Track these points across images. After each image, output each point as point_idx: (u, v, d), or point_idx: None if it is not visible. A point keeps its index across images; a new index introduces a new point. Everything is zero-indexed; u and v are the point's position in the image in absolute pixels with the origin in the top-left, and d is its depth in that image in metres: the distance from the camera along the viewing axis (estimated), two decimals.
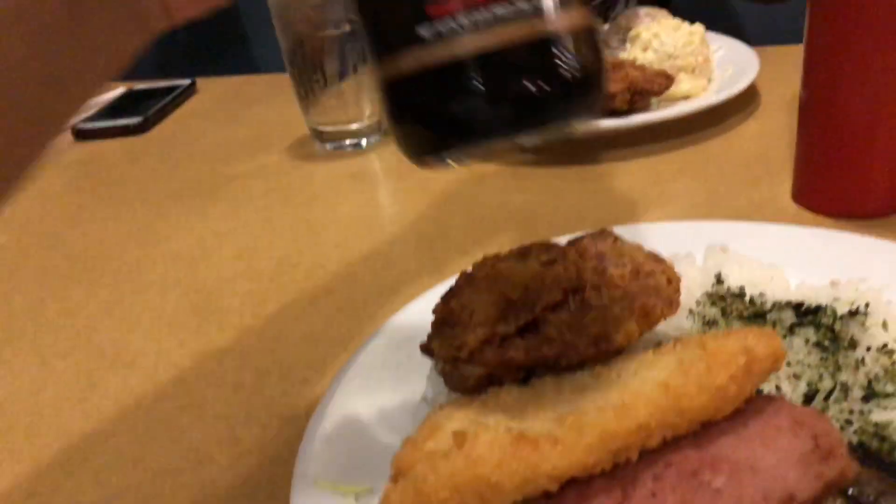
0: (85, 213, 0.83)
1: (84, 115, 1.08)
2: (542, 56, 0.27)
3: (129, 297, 0.64)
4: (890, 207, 0.60)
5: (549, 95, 0.28)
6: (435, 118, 0.29)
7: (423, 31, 0.27)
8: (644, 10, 0.93)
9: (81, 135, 1.04)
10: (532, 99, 0.28)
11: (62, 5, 0.27)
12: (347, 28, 0.82)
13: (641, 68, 0.79)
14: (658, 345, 0.42)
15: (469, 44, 0.27)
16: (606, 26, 0.96)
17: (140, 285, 0.66)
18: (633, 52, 0.82)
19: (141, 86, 1.24)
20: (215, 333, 0.58)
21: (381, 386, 0.43)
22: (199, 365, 0.54)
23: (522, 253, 0.42)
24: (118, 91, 1.19)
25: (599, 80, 0.29)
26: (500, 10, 0.27)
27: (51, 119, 0.29)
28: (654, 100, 0.82)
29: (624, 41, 0.90)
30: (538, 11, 0.27)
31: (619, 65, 0.80)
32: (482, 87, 0.27)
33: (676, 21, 0.86)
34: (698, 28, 0.85)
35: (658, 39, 0.81)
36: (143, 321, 0.61)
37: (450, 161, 0.30)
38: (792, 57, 0.62)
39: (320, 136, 0.90)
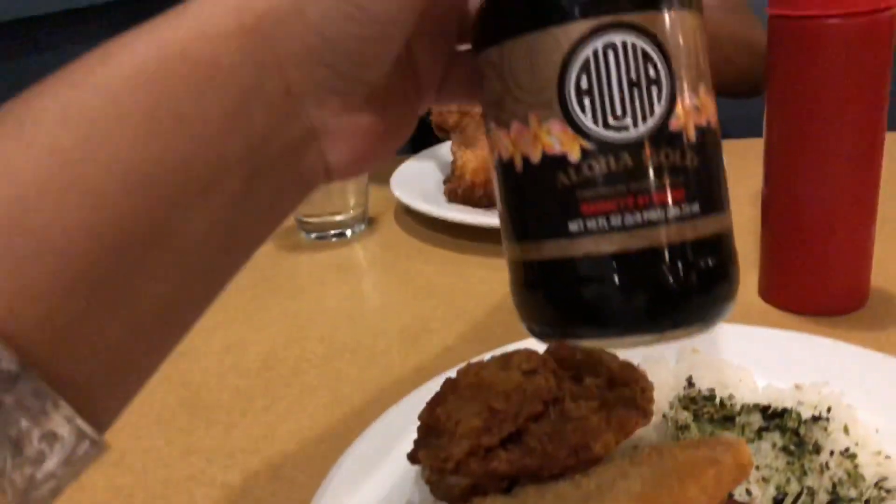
0: None
1: None
2: (683, 262, 0.29)
3: None
4: (851, 305, 0.63)
5: (682, 303, 0.30)
6: (567, 304, 0.31)
7: (573, 225, 0.29)
8: None
9: None
10: (663, 303, 0.30)
11: (241, 181, 0.28)
12: None
13: None
14: (635, 449, 0.44)
15: (613, 244, 0.29)
16: None
17: None
18: None
19: None
20: (203, 431, 0.59)
21: (369, 491, 0.45)
22: (188, 464, 0.55)
23: (505, 361, 0.44)
24: None
25: (733, 287, 0.31)
26: (650, 214, 0.28)
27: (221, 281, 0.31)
28: None
29: None
30: (685, 218, 0.29)
31: None
32: (618, 285, 0.29)
33: None
34: None
35: None
36: (131, 418, 0.61)
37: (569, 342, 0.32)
38: (756, 150, 0.65)
39: (305, 226, 0.92)
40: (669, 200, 0.29)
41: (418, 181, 1.00)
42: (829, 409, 0.44)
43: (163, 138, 0.26)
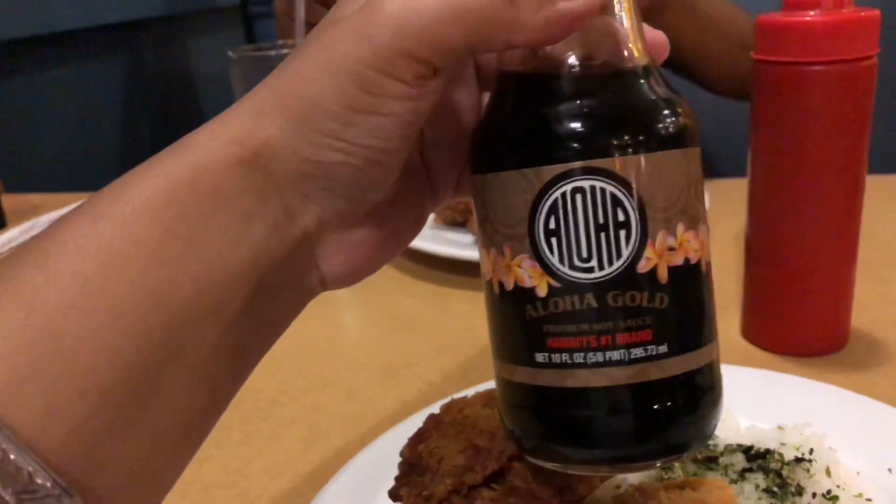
0: None
1: None
2: (643, 403, 0.29)
3: None
4: (832, 346, 0.63)
5: (641, 442, 0.30)
6: (534, 427, 0.32)
7: (539, 357, 0.30)
8: None
9: None
10: (621, 442, 0.30)
11: (247, 295, 0.30)
12: None
13: None
14: (618, 489, 0.44)
15: (576, 380, 0.29)
16: None
17: None
18: None
19: None
20: None
21: None
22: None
23: (489, 398, 0.43)
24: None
25: (703, 420, 0.31)
26: (611, 354, 0.29)
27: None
28: None
29: None
30: (650, 359, 0.29)
31: None
32: (578, 419, 0.30)
33: None
34: None
35: None
36: None
37: (553, 465, 0.32)
38: (741, 189, 0.66)
39: None
40: (633, 342, 0.28)
41: None
42: (811, 451, 0.44)
43: (174, 262, 0.28)
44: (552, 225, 0.29)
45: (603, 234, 0.28)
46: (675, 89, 0.31)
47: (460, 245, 0.90)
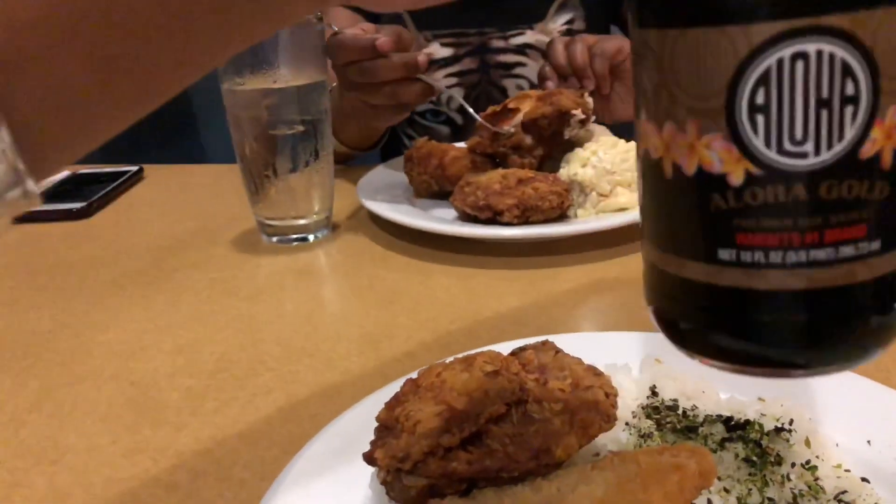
0: (18, 299, 0.81)
1: None
2: (848, 305, 0.25)
3: (61, 389, 0.63)
4: None
5: (831, 348, 0.26)
6: (703, 331, 0.27)
7: (724, 254, 0.25)
8: (601, 128, 0.99)
9: (20, 217, 1.03)
10: (809, 346, 0.26)
11: None
12: (301, 129, 0.85)
13: (536, 187, 0.84)
14: (596, 456, 0.43)
15: (769, 281, 0.25)
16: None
17: (73, 377, 0.64)
18: (572, 168, 0.87)
19: (86, 170, 1.24)
20: (150, 430, 0.56)
21: (321, 493, 0.43)
22: (132, 463, 0.53)
23: (468, 362, 0.43)
24: (62, 174, 1.18)
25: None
26: (817, 253, 0.24)
27: None
28: (591, 208, 0.86)
29: (565, 153, 0.94)
30: (860, 258, 0.25)
31: (519, 180, 0.86)
32: (767, 324, 0.26)
33: (614, 138, 0.91)
34: (634, 145, 0.90)
35: (596, 156, 0.85)
36: (75, 416, 0.59)
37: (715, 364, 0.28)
38: None
39: (267, 229, 0.91)
40: (843, 239, 0.24)
41: (384, 188, 0.99)
42: (791, 422, 0.44)
43: None
44: (760, 99, 0.23)
45: (825, 112, 0.23)
46: None
47: (442, 220, 0.89)
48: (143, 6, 0.26)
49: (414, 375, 0.44)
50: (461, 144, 1.08)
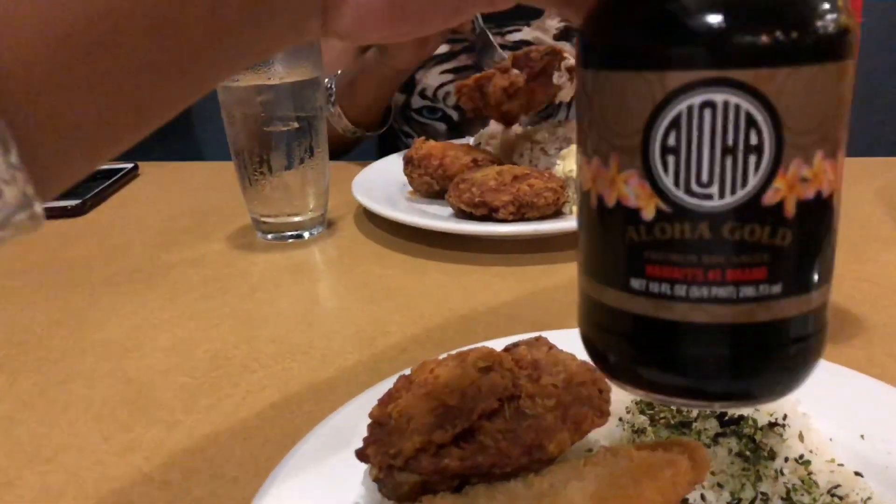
0: (12, 297, 0.81)
1: None
2: (746, 345, 0.26)
3: (54, 387, 0.62)
4: None
5: (734, 383, 0.27)
6: (618, 354, 0.29)
7: (635, 283, 0.26)
8: None
9: None
10: (712, 380, 0.27)
11: (245, 9, 0.28)
12: (296, 125, 0.84)
13: (531, 184, 0.84)
14: (590, 451, 0.43)
15: (673, 313, 0.26)
16: (546, 134, 1.01)
17: (66, 375, 0.64)
18: (568, 164, 0.87)
19: None
20: (143, 428, 0.56)
21: (314, 490, 0.43)
22: (125, 461, 0.52)
23: (461, 358, 0.42)
24: None
25: (804, 365, 0.28)
26: (718, 291, 0.25)
27: None
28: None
29: (561, 149, 0.94)
30: (760, 300, 0.26)
31: (515, 177, 0.86)
32: (671, 353, 0.27)
33: None
34: None
35: None
36: (68, 414, 0.59)
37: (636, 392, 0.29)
38: None
39: (262, 226, 0.90)
40: (744, 279, 0.25)
41: (380, 185, 0.99)
42: (784, 417, 0.44)
43: None
44: (671, 142, 0.25)
45: (729, 159, 0.24)
46: None
47: (438, 217, 0.89)
48: (140, 44, 0.27)
49: (407, 372, 0.44)
50: (460, 141, 1.09)
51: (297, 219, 0.89)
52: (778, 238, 0.25)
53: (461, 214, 0.88)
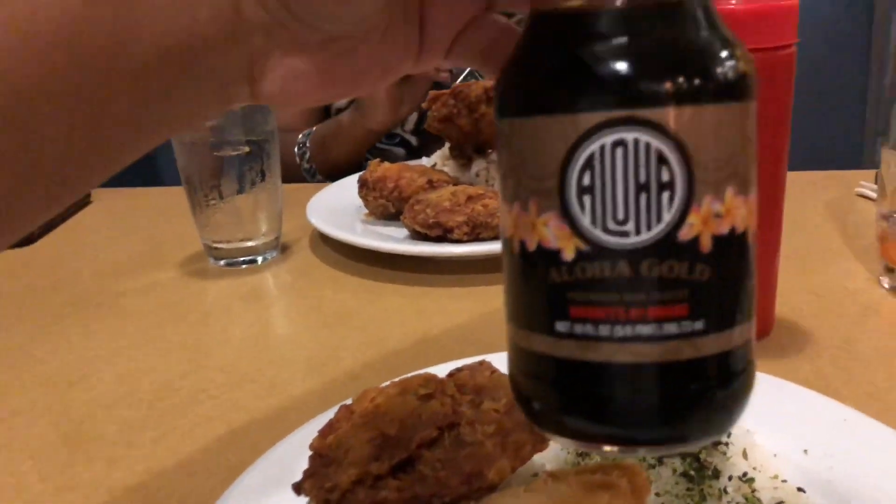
0: None
1: None
2: (672, 383, 0.26)
3: None
4: (757, 334, 0.63)
5: (661, 424, 0.27)
6: (547, 402, 0.28)
7: (560, 326, 0.26)
8: None
9: None
10: (641, 421, 0.27)
11: (167, 80, 0.28)
12: (246, 149, 0.83)
13: (486, 204, 0.85)
14: (535, 476, 0.43)
15: (599, 353, 0.26)
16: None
17: (6, 412, 0.62)
18: None
19: None
20: (83, 466, 0.54)
21: None
22: (62, 501, 0.51)
23: (402, 386, 0.42)
24: None
25: (733, 406, 0.28)
26: (642, 329, 0.25)
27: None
28: None
29: None
30: (683, 336, 0.26)
31: (469, 197, 0.86)
32: (598, 395, 0.27)
33: None
34: None
35: None
36: (4, 454, 0.57)
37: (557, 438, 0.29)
38: None
39: (214, 252, 0.89)
40: (666, 317, 0.25)
41: (335, 208, 0.98)
42: (728, 434, 0.44)
43: (105, 6, 0.26)
44: (586, 181, 0.25)
45: (643, 195, 0.25)
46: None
47: (393, 239, 0.89)
48: (56, 119, 0.27)
49: (349, 401, 0.43)
50: (415, 162, 1.08)
51: (249, 244, 0.88)
52: (696, 273, 0.25)
53: (417, 236, 0.88)
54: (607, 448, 0.28)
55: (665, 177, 0.25)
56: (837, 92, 1.71)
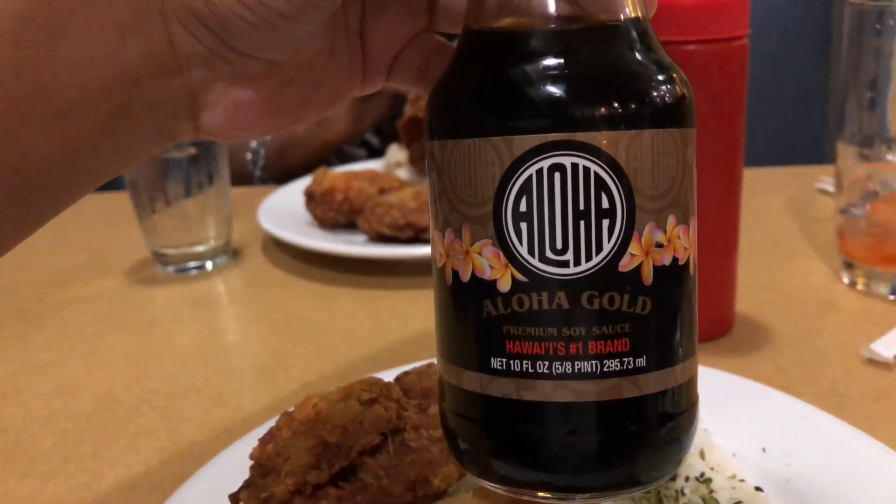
0: None
1: None
2: (613, 424, 0.25)
3: None
4: (717, 332, 0.63)
5: (603, 468, 0.26)
6: (478, 444, 0.27)
7: (495, 362, 0.25)
8: None
9: None
10: (582, 466, 0.26)
11: (99, 120, 0.27)
12: (193, 151, 0.81)
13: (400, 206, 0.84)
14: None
15: (535, 393, 0.25)
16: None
17: None
18: None
19: None
20: (17, 481, 0.51)
21: None
22: None
23: (346, 391, 0.40)
24: None
25: (677, 446, 0.26)
26: (582, 365, 0.24)
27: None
28: None
29: None
30: (626, 374, 0.24)
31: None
32: (533, 437, 0.25)
33: None
34: None
35: None
36: None
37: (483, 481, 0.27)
38: None
39: (162, 258, 0.86)
40: (607, 352, 0.24)
41: (287, 211, 0.95)
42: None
43: (28, 50, 0.25)
44: (523, 207, 0.24)
45: (582, 223, 0.24)
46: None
47: (352, 242, 0.87)
48: None
49: (290, 409, 0.41)
50: (365, 165, 1.06)
51: (198, 249, 0.85)
52: (638, 306, 0.24)
53: (378, 239, 0.85)
54: (541, 494, 0.26)
55: (605, 203, 0.24)
56: (797, 86, 1.73)
